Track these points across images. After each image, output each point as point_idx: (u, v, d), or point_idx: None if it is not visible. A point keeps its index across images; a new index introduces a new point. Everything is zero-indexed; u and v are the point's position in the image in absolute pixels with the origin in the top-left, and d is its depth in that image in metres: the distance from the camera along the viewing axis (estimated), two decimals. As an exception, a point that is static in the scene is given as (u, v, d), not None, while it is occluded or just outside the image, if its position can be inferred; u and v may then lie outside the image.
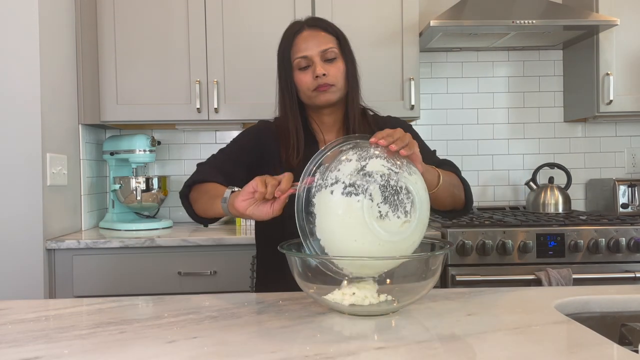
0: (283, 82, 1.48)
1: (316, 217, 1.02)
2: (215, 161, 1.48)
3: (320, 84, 1.42)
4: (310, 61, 1.42)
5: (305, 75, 1.43)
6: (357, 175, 0.98)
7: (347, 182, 0.97)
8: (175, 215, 2.86)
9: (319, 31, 1.45)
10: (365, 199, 0.96)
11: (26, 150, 2.11)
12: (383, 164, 0.99)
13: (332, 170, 1.01)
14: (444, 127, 2.93)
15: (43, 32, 2.16)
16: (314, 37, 1.43)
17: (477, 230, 2.24)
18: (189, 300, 1.20)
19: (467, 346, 0.88)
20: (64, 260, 2.17)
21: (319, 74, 1.41)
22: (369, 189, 0.96)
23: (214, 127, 2.74)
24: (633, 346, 0.96)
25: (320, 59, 1.42)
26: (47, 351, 0.86)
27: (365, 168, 0.98)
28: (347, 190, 0.97)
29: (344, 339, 0.92)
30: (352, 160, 1.00)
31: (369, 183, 0.97)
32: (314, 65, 1.42)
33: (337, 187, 0.98)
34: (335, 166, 1.01)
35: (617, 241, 2.23)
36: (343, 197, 0.97)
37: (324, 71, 1.41)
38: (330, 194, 0.98)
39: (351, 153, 1.03)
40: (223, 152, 1.52)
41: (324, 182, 1.01)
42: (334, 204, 0.98)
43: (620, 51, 2.59)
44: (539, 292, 1.25)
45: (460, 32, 2.51)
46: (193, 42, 2.48)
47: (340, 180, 0.98)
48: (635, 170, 2.96)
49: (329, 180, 1.00)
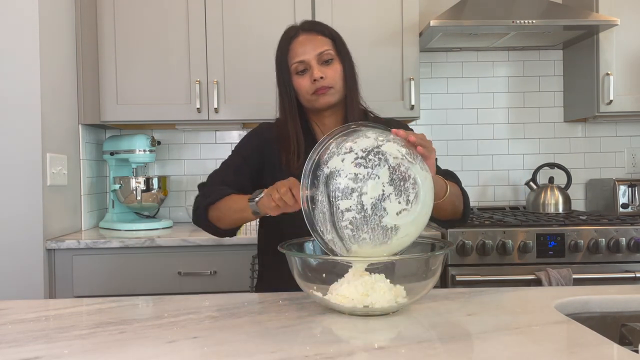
0: (282, 87, 1.50)
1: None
2: (218, 177, 1.49)
3: (319, 87, 1.43)
4: (308, 65, 1.43)
5: (304, 79, 1.44)
6: (371, 151, 1.00)
7: (360, 155, 1.00)
8: (175, 215, 2.86)
9: (314, 35, 1.46)
10: (373, 174, 0.98)
11: (26, 150, 2.11)
12: (399, 149, 1.02)
13: (348, 141, 1.03)
14: (443, 127, 2.93)
15: (43, 32, 2.15)
16: (309, 40, 1.45)
17: (477, 230, 2.24)
18: (189, 300, 1.20)
19: (467, 346, 0.88)
20: (64, 260, 2.17)
21: (317, 77, 1.42)
22: (380, 165, 0.98)
23: (214, 127, 2.74)
24: (633, 346, 0.96)
25: (317, 62, 1.43)
26: (47, 351, 0.86)
27: (380, 147, 1.00)
28: (357, 161, 0.99)
29: (344, 339, 0.92)
30: (370, 138, 1.03)
31: (381, 161, 0.99)
32: (311, 68, 1.43)
33: (348, 156, 1.00)
34: (353, 139, 1.03)
35: (617, 241, 2.23)
36: (352, 166, 0.99)
37: (321, 74, 1.42)
38: (341, 161, 1.00)
39: (371, 132, 1.05)
40: (226, 164, 1.53)
41: (337, 150, 1.02)
42: (342, 170, 1.00)
43: (620, 51, 2.59)
44: (539, 292, 1.25)
45: (460, 32, 2.51)
46: (193, 42, 2.48)
47: (354, 150, 1.01)
48: (635, 170, 2.96)
49: (342, 149, 1.02)
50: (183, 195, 2.87)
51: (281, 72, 1.49)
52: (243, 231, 2.41)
